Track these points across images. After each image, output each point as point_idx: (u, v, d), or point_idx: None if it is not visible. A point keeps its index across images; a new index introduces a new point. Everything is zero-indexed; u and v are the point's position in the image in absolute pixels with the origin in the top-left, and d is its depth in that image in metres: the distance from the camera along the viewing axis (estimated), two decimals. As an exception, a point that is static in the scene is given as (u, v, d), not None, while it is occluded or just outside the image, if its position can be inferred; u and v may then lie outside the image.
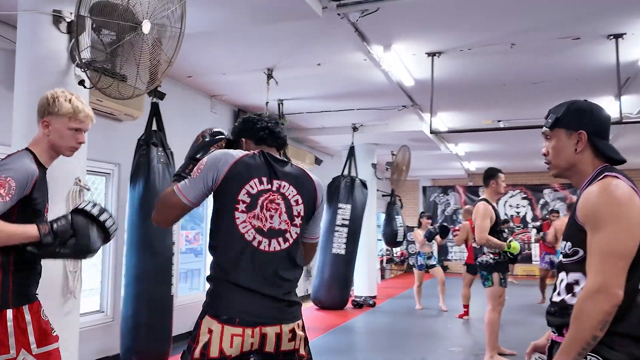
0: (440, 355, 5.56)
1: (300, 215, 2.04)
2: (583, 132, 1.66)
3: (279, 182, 2.02)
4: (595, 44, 5.09)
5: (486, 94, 6.94)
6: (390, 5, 4.19)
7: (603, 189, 1.57)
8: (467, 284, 7.75)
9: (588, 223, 1.57)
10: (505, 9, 4.40)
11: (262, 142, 2.12)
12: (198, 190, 1.96)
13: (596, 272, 1.51)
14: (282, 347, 1.95)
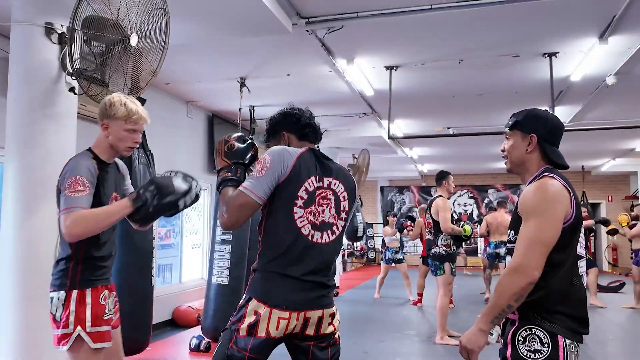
0: (397, 338, 5.74)
1: (345, 210, 2.03)
2: (534, 135, 1.81)
3: (330, 179, 2.00)
4: (532, 61, 5.36)
5: (437, 104, 7.17)
6: (353, 23, 4.33)
7: (538, 187, 1.74)
8: (422, 275, 7.98)
9: (523, 214, 1.74)
10: (454, 29, 4.61)
11: (305, 138, 2.07)
12: (267, 187, 1.90)
13: (519, 254, 1.68)
14: (322, 330, 1.94)
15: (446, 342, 5.25)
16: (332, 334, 1.99)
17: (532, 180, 1.81)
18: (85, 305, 2.13)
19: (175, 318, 6.73)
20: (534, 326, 1.69)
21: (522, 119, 1.85)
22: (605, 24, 4.34)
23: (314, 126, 2.08)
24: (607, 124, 7.81)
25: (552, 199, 1.70)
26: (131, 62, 3.02)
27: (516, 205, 1.82)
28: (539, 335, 1.68)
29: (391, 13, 4.13)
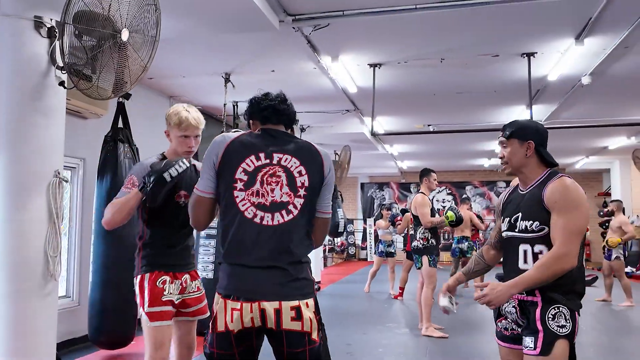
0: (380, 330, 5.86)
1: (304, 186, 1.86)
2: (532, 142, 2.11)
3: (280, 155, 1.87)
4: (511, 61, 5.50)
5: (418, 102, 7.30)
6: (339, 21, 4.41)
7: (570, 185, 2.02)
8: (406, 269, 8.13)
9: (556, 208, 1.99)
10: (437, 29, 4.72)
11: (267, 120, 1.96)
12: (207, 179, 1.88)
13: (562, 243, 1.95)
14: (284, 325, 1.77)
15: (431, 333, 5.40)
16: (302, 333, 1.79)
17: (543, 180, 2.08)
18: (144, 289, 2.42)
19: (158, 313, 6.73)
20: (560, 305, 1.98)
21: (517, 129, 2.14)
22: (581, 25, 4.50)
23: (275, 107, 1.94)
24: (581, 122, 8.05)
25: (582, 195, 2.04)
26: (122, 57, 3.05)
27: (537, 199, 2.05)
28: (564, 312, 1.98)
29: (377, 12, 4.21)
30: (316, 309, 1.87)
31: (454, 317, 6.50)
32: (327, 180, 1.92)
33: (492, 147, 11.52)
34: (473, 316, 6.91)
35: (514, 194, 2.23)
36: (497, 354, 2.28)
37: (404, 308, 7.52)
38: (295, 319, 1.78)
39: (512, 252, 2.14)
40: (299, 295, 1.81)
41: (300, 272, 1.84)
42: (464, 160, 13.70)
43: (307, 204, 1.87)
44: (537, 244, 2.04)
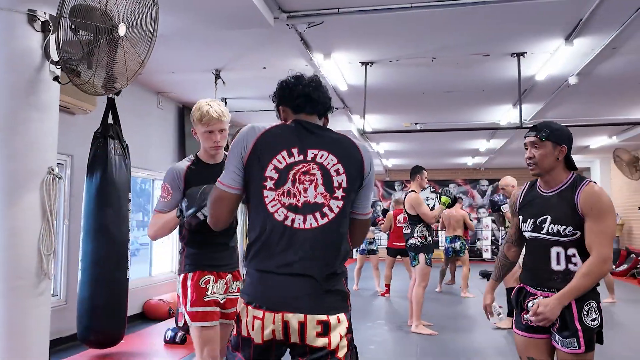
0: (370, 327, 5.89)
1: (342, 187, 1.66)
2: (565, 146, 2.18)
3: (315, 152, 1.67)
4: (501, 60, 5.57)
5: (407, 100, 7.35)
6: (333, 19, 4.41)
7: (601, 192, 2.13)
8: (389, 266, 8.20)
9: (592, 215, 2.09)
10: (429, 28, 4.75)
11: (300, 110, 1.76)
12: (234, 173, 1.69)
13: (602, 247, 2.07)
14: (308, 340, 1.57)
15: (420, 330, 5.44)
16: (329, 352, 1.58)
17: (571, 184, 2.17)
18: (186, 288, 2.43)
19: (145, 311, 6.67)
20: (591, 300, 2.12)
21: (553, 132, 2.18)
22: (572, 26, 4.58)
23: (308, 95, 1.75)
24: (565, 122, 8.10)
25: (610, 200, 2.16)
26: (119, 53, 3.01)
27: (570, 205, 2.13)
28: (593, 306, 2.12)
29: (372, 10, 4.23)
30: (349, 327, 1.65)
31: (443, 315, 6.59)
32: (368, 180, 1.74)
33: (476, 146, 11.67)
34: (460, 314, 6.99)
35: (532, 194, 2.29)
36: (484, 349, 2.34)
37: (391, 305, 7.57)
38: (322, 334, 1.58)
39: (541, 253, 2.21)
40: (330, 308, 1.61)
41: (333, 284, 1.64)
42: (448, 159, 13.83)
43: (345, 207, 1.68)
44: (570, 247, 2.15)
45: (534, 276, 2.23)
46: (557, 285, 2.14)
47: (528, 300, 2.23)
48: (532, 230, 2.22)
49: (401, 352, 4.92)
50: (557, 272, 2.15)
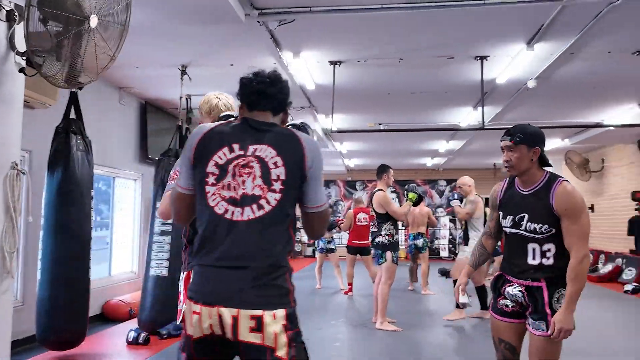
0: (334, 325, 5.95)
1: (280, 179, 1.65)
2: (538, 148, 2.31)
3: (256, 146, 1.68)
4: (465, 63, 5.73)
5: (373, 100, 7.44)
6: (305, 17, 4.42)
7: (574, 191, 2.27)
8: (350, 264, 8.29)
9: (567, 215, 2.23)
10: (398, 30, 4.84)
11: (254, 106, 1.77)
12: (185, 174, 1.74)
13: (583, 245, 2.23)
14: (241, 336, 1.56)
15: (385, 327, 5.53)
16: (265, 348, 1.56)
17: (546, 184, 2.30)
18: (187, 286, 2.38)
19: (105, 312, 6.50)
20: (562, 288, 2.27)
21: (525, 135, 2.31)
22: (533, 31, 4.77)
23: (264, 92, 1.75)
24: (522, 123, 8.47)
25: (582, 197, 2.32)
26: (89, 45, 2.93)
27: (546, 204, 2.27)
28: (563, 294, 2.26)
29: (343, 10, 4.27)
30: (289, 322, 1.60)
31: (406, 312, 6.71)
32: (312, 173, 1.71)
33: (436, 147, 11.94)
34: (423, 310, 7.15)
35: (511, 192, 2.43)
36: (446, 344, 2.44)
37: (354, 303, 7.65)
38: (255, 329, 1.56)
39: (519, 248, 2.37)
40: (265, 304, 1.58)
41: (271, 277, 1.62)
42: (409, 159, 14.09)
43: (284, 199, 1.66)
44: (546, 244, 2.30)
45: (511, 267, 2.39)
46: (531, 276, 2.32)
47: (505, 286, 2.40)
48: (512, 226, 2.37)
49: (366, 349, 4.98)
50: (532, 265, 2.31)
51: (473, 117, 8.18)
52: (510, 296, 2.37)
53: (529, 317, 2.33)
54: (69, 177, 4.39)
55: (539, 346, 2.28)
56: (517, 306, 2.37)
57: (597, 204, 12.09)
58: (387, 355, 4.69)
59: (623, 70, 5.84)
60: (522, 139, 2.30)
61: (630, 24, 4.58)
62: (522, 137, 2.30)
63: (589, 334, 5.53)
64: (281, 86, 1.81)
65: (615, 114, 8.09)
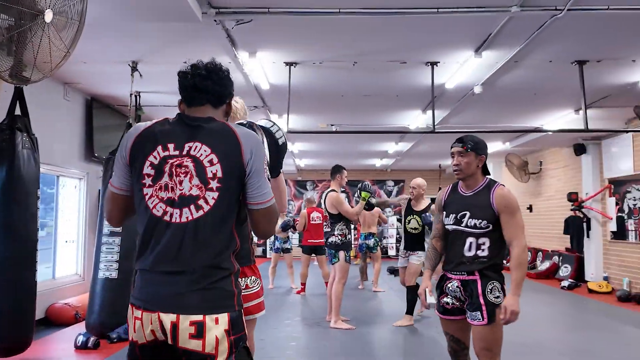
0: (289, 325, 5.99)
1: (217, 177, 1.58)
2: (484, 156, 2.67)
3: (190, 144, 1.61)
4: (417, 68, 5.88)
5: (326, 102, 7.51)
6: (262, 18, 4.43)
7: (509, 193, 2.64)
8: (305, 264, 8.36)
9: (506, 212, 2.56)
10: (353, 34, 4.92)
11: (190, 102, 1.72)
12: (120, 174, 1.69)
13: (521, 237, 2.56)
14: (181, 342, 1.50)
15: (339, 325, 5.62)
16: (205, 356, 1.50)
17: (486, 186, 2.65)
18: None
19: (49, 316, 6.24)
20: (494, 280, 2.57)
21: (476, 144, 2.65)
22: (482, 39, 4.99)
23: (196, 86, 1.70)
24: (467, 128, 8.80)
25: (517, 200, 2.66)
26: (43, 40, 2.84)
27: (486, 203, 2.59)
28: (497, 286, 2.56)
29: (301, 12, 4.31)
30: (232, 327, 1.55)
31: (358, 310, 6.85)
32: (251, 168, 1.62)
33: (385, 148, 12.20)
34: (375, 308, 7.31)
35: (455, 195, 2.73)
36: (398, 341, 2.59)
37: (307, 302, 7.72)
38: (195, 336, 1.50)
39: (458, 241, 2.64)
40: (206, 308, 1.52)
41: (213, 280, 1.55)
42: (359, 160, 14.31)
43: (222, 198, 1.58)
44: (481, 237, 2.60)
45: (451, 261, 2.66)
46: (467, 268, 2.60)
47: (446, 283, 2.67)
48: (454, 223, 2.65)
49: (322, 347, 5.06)
50: (468, 257, 2.60)
51: (422, 120, 8.43)
52: (450, 292, 2.63)
53: (467, 309, 2.58)
54: (13, 176, 4.20)
55: (480, 334, 2.52)
56: (457, 302, 2.63)
57: (535, 204, 12.73)
58: (341, 353, 4.79)
59: (562, 79, 6.20)
60: (473, 146, 2.64)
61: (570, 35, 4.89)
62: (473, 145, 2.64)
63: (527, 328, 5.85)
64: (218, 78, 1.72)
65: (553, 120, 8.56)
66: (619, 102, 7.26)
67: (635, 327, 6.10)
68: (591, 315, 7.02)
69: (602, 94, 6.86)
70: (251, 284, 2.41)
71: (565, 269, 10.37)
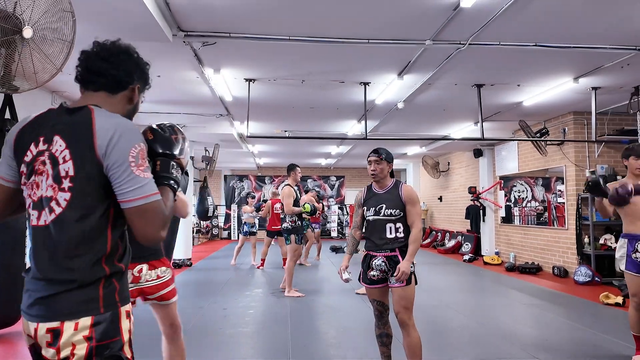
0: (248, 295, 5.87)
1: (69, 176, 1.17)
2: (391, 164, 2.86)
3: (56, 138, 1.20)
4: (352, 87, 5.92)
5: (280, 112, 7.42)
6: (225, 41, 4.30)
7: (413, 189, 2.83)
8: (267, 245, 8.30)
9: (410, 202, 2.76)
10: (301, 57, 4.87)
11: (85, 86, 1.29)
12: (3, 163, 1.29)
13: (418, 222, 2.75)
14: (43, 351, 1.17)
15: (292, 294, 5.59)
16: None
17: (395, 185, 2.83)
18: None
19: None
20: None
21: (387, 154, 2.83)
22: (403, 65, 5.06)
23: (88, 69, 1.27)
24: (392, 135, 8.99)
25: (417, 194, 2.85)
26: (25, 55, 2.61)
27: (396, 196, 2.77)
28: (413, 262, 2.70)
29: (257, 38, 4.21)
30: (96, 331, 1.15)
31: (306, 281, 6.83)
32: (110, 160, 1.16)
33: (328, 150, 12.22)
34: (319, 280, 7.30)
35: (370, 193, 2.88)
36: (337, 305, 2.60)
37: (265, 275, 7.63)
38: (52, 344, 1.14)
39: (379, 228, 2.76)
40: (67, 314, 1.14)
41: (74, 285, 1.16)
42: (307, 159, 14.28)
43: (76, 199, 1.17)
44: (397, 223, 2.76)
45: (375, 244, 2.77)
46: (389, 247, 2.74)
47: (372, 260, 2.78)
48: (374, 214, 2.79)
49: (276, 313, 5.00)
50: (390, 239, 2.75)
51: (357, 128, 8.49)
52: (377, 266, 2.75)
53: (390, 278, 2.71)
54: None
55: (400, 295, 2.67)
56: (381, 274, 2.75)
57: (444, 195, 13.14)
58: (292, 316, 4.75)
59: (464, 98, 6.40)
60: (386, 157, 2.83)
61: (470, 64, 5.04)
62: (386, 156, 2.83)
63: (438, 293, 6.03)
64: (117, 60, 1.27)
65: (458, 130, 8.84)
66: (507, 117, 7.58)
67: (517, 291, 6.41)
68: (486, 282, 7.32)
69: (495, 110, 7.14)
70: (162, 274, 2.27)
71: (467, 246, 10.75)
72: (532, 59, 4.85)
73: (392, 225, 2.74)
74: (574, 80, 5.56)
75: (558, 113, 7.46)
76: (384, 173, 2.82)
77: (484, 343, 3.86)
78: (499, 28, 4.04)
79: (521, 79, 5.61)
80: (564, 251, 7.65)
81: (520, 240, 9.01)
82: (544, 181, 8.37)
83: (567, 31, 4.16)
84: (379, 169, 2.80)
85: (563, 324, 4.54)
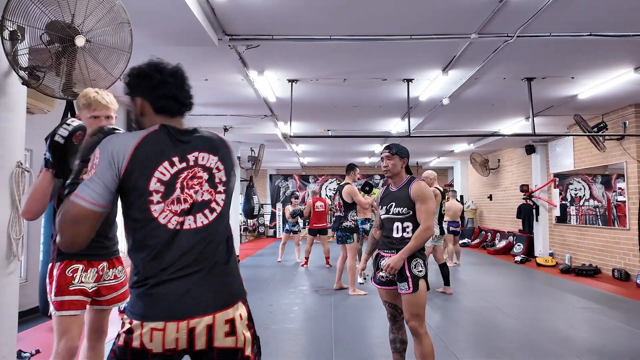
0: (293, 293, 5.96)
1: (222, 182, 1.38)
2: (406, 159, 2.74)
3: (195, 154, 1.34)
4: (395, 84, 5.85)
5: (323, 111, 7.46)
6: (268, 44, 4.39)
7: (425, 186, 2.66)
8: (310, 243, 8.38)
9: (419, 200, 2.62)
10: (343, 56, 4.87)
11: (164, 111, 1.36)
12: (101, 188, 1.23)
13: (428, 219, 2.59)
14: (217, 342, 1.27)
15: (357, 293, 5.63)
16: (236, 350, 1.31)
17: (407, 182, 2.70)
18: (52, 277, 1.98)
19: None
20: (418, 258, 2.61)
21: (399, 150, 2.71)
22: (448, 61, 4.93)
23: (176, 97, 1.36)
24: (438, 132, 8.80)
25: (430, 190, 2.69)
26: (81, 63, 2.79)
27: (405, 194, 2.66)
28: (420, 262, 2.60)
29: (299, 39, 4.26)
30: (249, 319, 1.36)
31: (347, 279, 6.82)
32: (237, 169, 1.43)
33: (372, 149, 12.13)
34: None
35: (387, 191, 2.80)
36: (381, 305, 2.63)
37: (309, 273, 7.70)
38: (230, 334, 1.29)
39: (389, 226, 2.69)
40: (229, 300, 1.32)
41: (230, 273, 1.37)
42: (351, 158, 14.24)
43: (228, 199, 1.40)
44: (405, 222, 2.65)
45: (384, 243, 2.70)
46: (396, 246, 2.64)
47: (380, 260, 2.71)
48: (385, 213, 2.72)
49: (319, 310, 5.04)
50: (397, 238, 2.65)
51: (401, 126, 8.38)
52: (383, 267, 2.62)
53: (397, 281, 2.60)
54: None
55: (408, 301, 2.55)
56: (389, 275, 2.63)
57: (494, 194, 12.67)
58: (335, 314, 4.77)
59: (514, 92, 6.14)
60: (397, 151, 2.71)
61: (519, 57, 4.83)
62: (397, 151, 2.71)
63: (488, 295, 5.83)
64: (188, 87, 1.42)
65: (508, 125, 8.49)
66: (561, 111, 7.19)
67: (573, 294, 6.08)
68: (539, 284, 7.00)
69: (547, 104, 6.79)
70: (119, 274, 2.15)
71: (518, 247, 10.33)
72: (587, 49, 4.57)
73: (400, 224, 2.64)
74: (634, 70, 5.18)
75: (617, 106, 6.98)
76: (397, 169, 2.71)
77: (537, 348, 3.69)
78: (549, 18, 3.84)
79: (575, 70, 5.30)
80: (625, 253, 7.15)
81: (576, 240, 8.52)
82: (603, 178, 7.86)
83: (624, 18, 3.88)
84: (390, 164, 2.70)
85: (623, 330, 4.25)
